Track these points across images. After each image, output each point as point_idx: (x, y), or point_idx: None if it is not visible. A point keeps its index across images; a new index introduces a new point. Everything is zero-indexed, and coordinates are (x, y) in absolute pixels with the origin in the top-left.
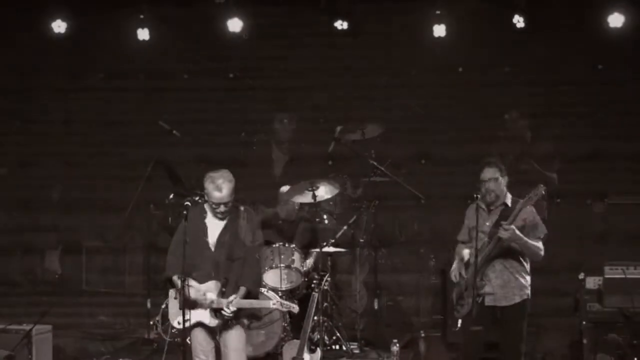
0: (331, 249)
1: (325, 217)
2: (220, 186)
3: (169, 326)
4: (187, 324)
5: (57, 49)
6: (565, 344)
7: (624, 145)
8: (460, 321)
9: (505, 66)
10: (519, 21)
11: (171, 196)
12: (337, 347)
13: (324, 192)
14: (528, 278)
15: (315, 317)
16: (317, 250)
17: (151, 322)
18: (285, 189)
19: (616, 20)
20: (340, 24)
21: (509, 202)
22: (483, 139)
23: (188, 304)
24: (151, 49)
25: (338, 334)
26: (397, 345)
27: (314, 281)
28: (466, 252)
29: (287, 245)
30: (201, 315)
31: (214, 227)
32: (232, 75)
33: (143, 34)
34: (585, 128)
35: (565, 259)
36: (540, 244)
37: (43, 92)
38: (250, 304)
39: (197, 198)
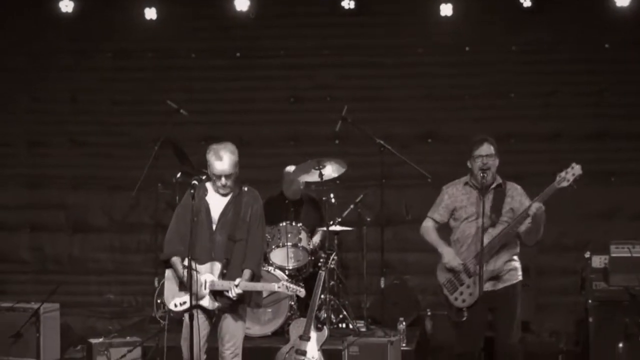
0: (338, 228)
1: (331, 195)
2: (221, 156)
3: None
4: (185, 307)
5: (65, 29)
6: (572, 322)
7: (630, 125)
8: (465, 311)
9: (512, 45)
10: (525, 0)
11: (178, 175)
12: (344, 325)
13: (331, 170)
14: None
15: (322, 296)
16: (324, 228)
17: (158, 301)
18: (290, 168)
19: None
20: (347, 3)
21: (501, 183)
22: (490, 118)
23: (187, 286)
24: (158, 28)
25: (345, 313)
26: (404, 323)
27: (321, 260)
28: (449, 251)
29: (293, 224)
30: (200, 298)
31: (216, 206)
32: (238, 55)
33: (150, 13)
34: (591, 108)
35: (572, 237)
36: None
37: (51, 72)
38: (254, 287)
39: (202, 177)
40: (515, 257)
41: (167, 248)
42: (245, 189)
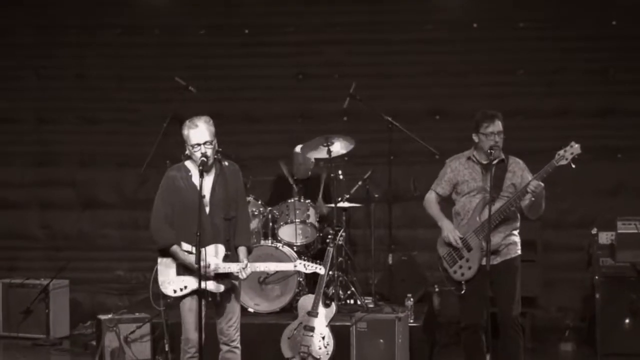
0: (346, 204)
1: (339, 172)
2: (197, 124)
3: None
4: (185, 292)
5: (73, 4)
6: (578, 298)
7: (637, 102)
8: (464, 284)
9: (519, 22)
10: None
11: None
12: (352, 301)
13: (339, 147)
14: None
15: (330, 272)
16: (332, 205)
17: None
18: (299, 148)
19: None
20: None
21: (503, 158)
22: (497, 95)
23: (189, 271)
24: (167, 4)
25: (353, 289)
26: (411, 299)
27: (329, 236)
28: (448, 225)
29: (302, 200)
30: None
31: (203, 187)
32: (247, 31)
33: None
34: (598, 85)
35: (578, 214)
36: None
37: (58, 48)
38: (267, 268)
39: (182, 156)
40: (515, 232)
41: (161, 238)
42: (226, 163)
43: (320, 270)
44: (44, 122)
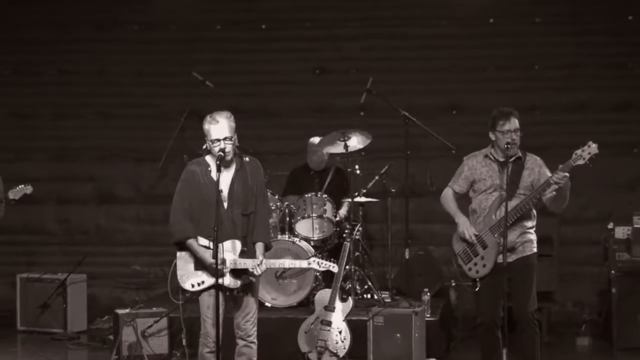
0: (363, 199)
1: (356, 167)
2: (217, 120)
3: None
4: (203, 287)
5: (92, 2)
6: (595, 292)
7: None
8: (479, 281)
9: (536, 17)
10: None
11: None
12: (369, 296)
13: (356, 142)
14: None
15: (347, 267)
16: (349, 200)
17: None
18: (315, 140)
19: None
20: None
21: (520, 155)
22: (514, 90)
23: (206, 266)
24: (184, 0)
25: (369, 283)
26: (428, 294)
27: (346, 231)
28: (464, 221)
29: (319, 195)
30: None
31: (222, 182)
32: (264, 26)
33: None
34: (615, 79)
35: (595, 208)
36: None
37: (77, 44)
38: (282, 264)
39: (200, 151)
40: (531, 230)
41: (179, 230)
42: (247, 159)
43: (334, 268)
44: (63, 117)
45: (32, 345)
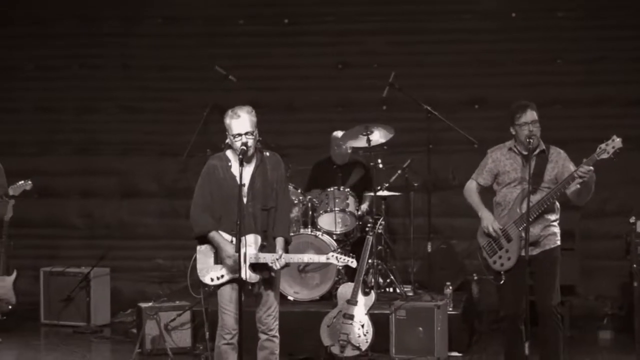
0: (385, 193)
1: (379, 161)
2: (239, 114)
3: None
4: (222, 280)
5: None
6: (617, 286)
7: None
8: (503, 275)
9: (558, 11)
10: None
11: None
12: (391, 289)
13: (379, 136)
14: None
15: (370, 260)
16: (372, 194)
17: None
18: (338, 133)
19: None
20: None
21: (544, 148)
22: (535, 84)
23: (223, 258)
24: None
25: (392, 277)
26: (450, 288)
27: (368, 225)
28: (488, 215)
29: (341, 189)
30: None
31: (243, 177)
32: (287, 21)
33: None
34: (637, 74)
35: (617, 202)
36: None
37: (100, 38)
38: (301, 259)
39: (222, 146)
40: (555, 224)
41: (200, 224)
42: (267, 154)
43: (352, 263)
44: (86, 111)
45: (55, 338)
